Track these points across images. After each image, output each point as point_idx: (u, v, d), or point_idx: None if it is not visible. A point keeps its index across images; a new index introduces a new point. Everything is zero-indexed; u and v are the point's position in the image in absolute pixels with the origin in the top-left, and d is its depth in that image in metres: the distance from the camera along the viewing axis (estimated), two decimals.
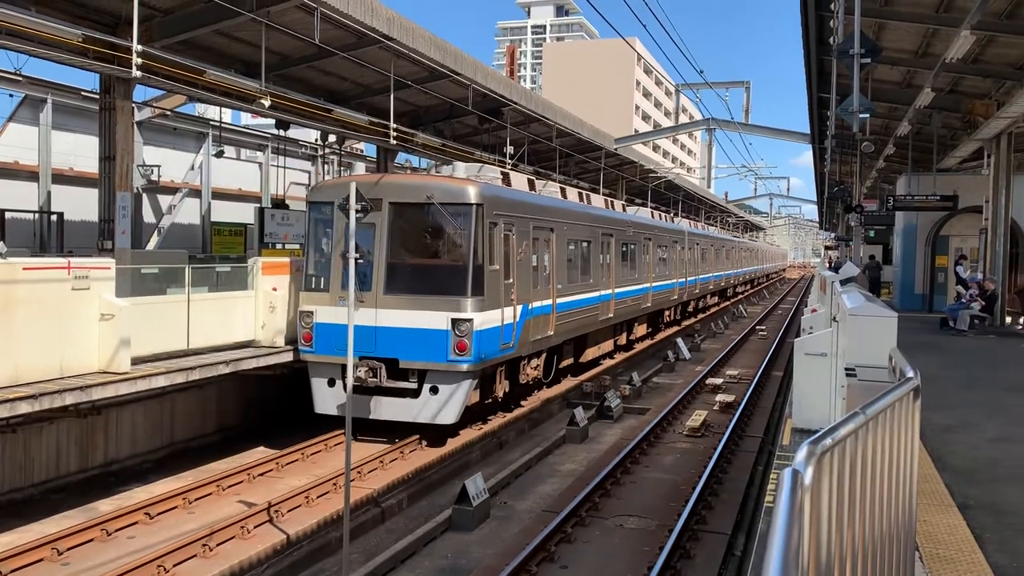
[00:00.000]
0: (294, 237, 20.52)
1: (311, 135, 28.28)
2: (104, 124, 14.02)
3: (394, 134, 19.17)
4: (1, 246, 11.21)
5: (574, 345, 20.00)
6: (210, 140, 24.11)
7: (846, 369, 7.06)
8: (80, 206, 19.30)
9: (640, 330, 27.46)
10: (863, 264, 24.27)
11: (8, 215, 17.62)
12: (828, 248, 65.46)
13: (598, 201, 23.97)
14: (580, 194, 22.52)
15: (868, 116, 13.16)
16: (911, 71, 18.04)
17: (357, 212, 9.55)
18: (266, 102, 15.02)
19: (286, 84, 17.27)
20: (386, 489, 11.61)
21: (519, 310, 15.37)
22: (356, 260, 9.73)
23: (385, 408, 13.86)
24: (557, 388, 19.11)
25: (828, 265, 37.65)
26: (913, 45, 16.44)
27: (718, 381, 20.95)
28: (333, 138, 25.44)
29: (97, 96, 15.01)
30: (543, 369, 17.69)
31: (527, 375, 16.67)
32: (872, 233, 27.13)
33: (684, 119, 80.00)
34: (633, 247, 25.35)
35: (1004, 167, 18.93)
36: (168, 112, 22.11)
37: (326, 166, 29.44)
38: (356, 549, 9.85)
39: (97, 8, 13.52)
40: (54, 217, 19.07)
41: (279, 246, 20.12)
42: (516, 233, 15.43)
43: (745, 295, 61.46)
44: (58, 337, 10.40)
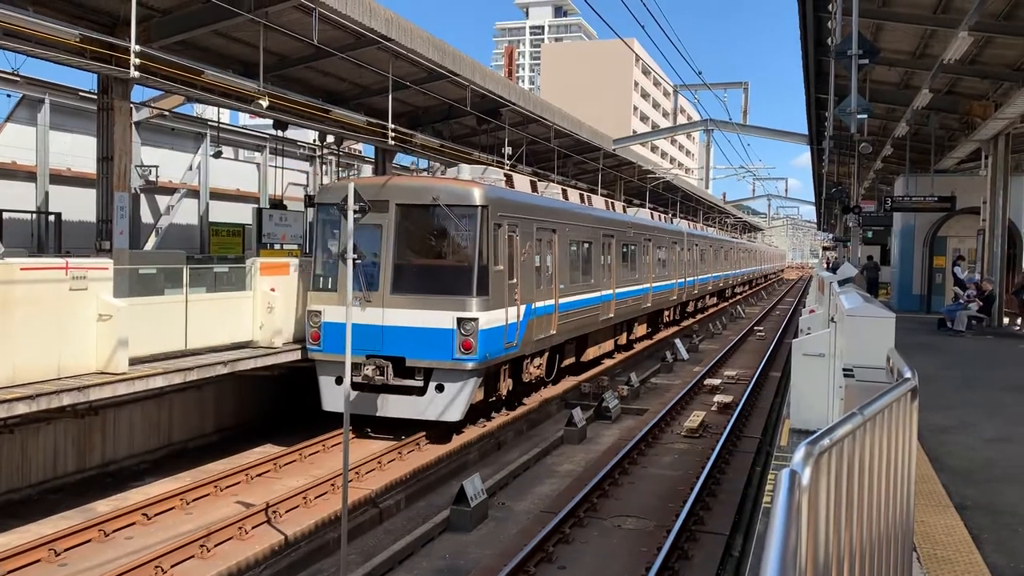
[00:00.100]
0: (292, 237, 20.52)
1: (309, 136, 28.29)
2: (102, 124, 14.01)
3: (392, 135, 19.19)
4: None
5: (576, 344, 20.14)
6: (208, 140, 24.13)
7: (844, 370, 7.06)
8: (78, 206, 19.30)
9: (640, 330, 27.57)
10: (861, 265, 24.26)
11: (6, 215, 17.61)
12: (826, 249, 65.53)
13: (599, 202, 24.06)
14: (581, 195, 22.61)
15: (866, 117, 13.19)
16: (909, 72, 18.06)
17: (356, 213, 9.61)
18: (264, 103, 15.04)
19: (284, 85, 17.28)
20: (384, 490, 11.61)
21: (523, 310, 15.51)
22: (357, 261, 9.81)
23: (392, 406, 14.05)
24: (557, 388, 19.15)
25: (826, 266, 37.68)
26: (911, 46, 16.46)
27: (716, 382, 20.97)
28: (331, 139, 25.43)
29: (95, 96, 15.01)
30: (545, 368, 17.83)
31: (530, 374, 16.84)
32: (870, 234, 27.11)
33: (682, 120, 79.96)
34: (633, 248, 25.44)
35: (1002, 168, 18.96)
36: (166, 112, 22.10)
37: (324, 167, 29.44)
38: (354, 550, 9.85)
39: (95, 8, 13.50)
40: (52, 217, 19.08)
41: (277, 246, 20.11)
42: (520, 234, 15.58)
43: (743, 296, 61.50)
44: (56, 337, 10.38)
